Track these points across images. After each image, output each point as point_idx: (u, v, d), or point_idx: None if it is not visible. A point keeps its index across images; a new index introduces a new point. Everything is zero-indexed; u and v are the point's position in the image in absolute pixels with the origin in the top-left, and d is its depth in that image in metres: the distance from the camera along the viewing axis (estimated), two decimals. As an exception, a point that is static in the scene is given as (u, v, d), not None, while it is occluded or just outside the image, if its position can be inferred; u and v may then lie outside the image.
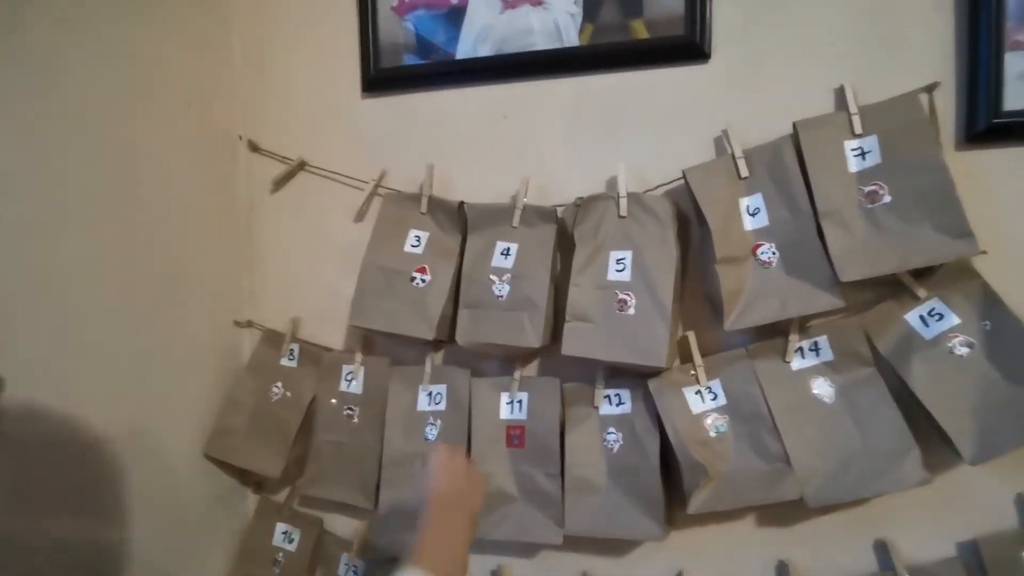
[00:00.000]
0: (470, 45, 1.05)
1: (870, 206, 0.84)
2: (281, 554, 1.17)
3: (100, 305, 0.91)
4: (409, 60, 1.09)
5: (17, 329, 0.80)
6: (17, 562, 0.77)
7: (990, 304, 0.82)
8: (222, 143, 1.17)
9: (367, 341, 1.12)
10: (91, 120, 0.91)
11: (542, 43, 1.02)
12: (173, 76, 1.06)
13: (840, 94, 0.88)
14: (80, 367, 0.88)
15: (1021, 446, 0.77)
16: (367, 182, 1.10)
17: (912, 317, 0.86)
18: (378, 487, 1.05)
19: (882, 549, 0.90)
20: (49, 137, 0.85)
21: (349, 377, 1.10)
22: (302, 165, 1.15)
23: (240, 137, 1.19)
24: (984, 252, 0.80)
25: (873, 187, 0.84)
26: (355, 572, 1.13)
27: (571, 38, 1.00)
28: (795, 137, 0.88)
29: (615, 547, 1.01)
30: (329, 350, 1.13)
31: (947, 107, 0.86)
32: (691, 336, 0.95)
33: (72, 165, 0.89)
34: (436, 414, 1.05)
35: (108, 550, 0.92)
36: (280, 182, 1.17)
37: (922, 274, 0.85)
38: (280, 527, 1.18)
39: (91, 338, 0.90)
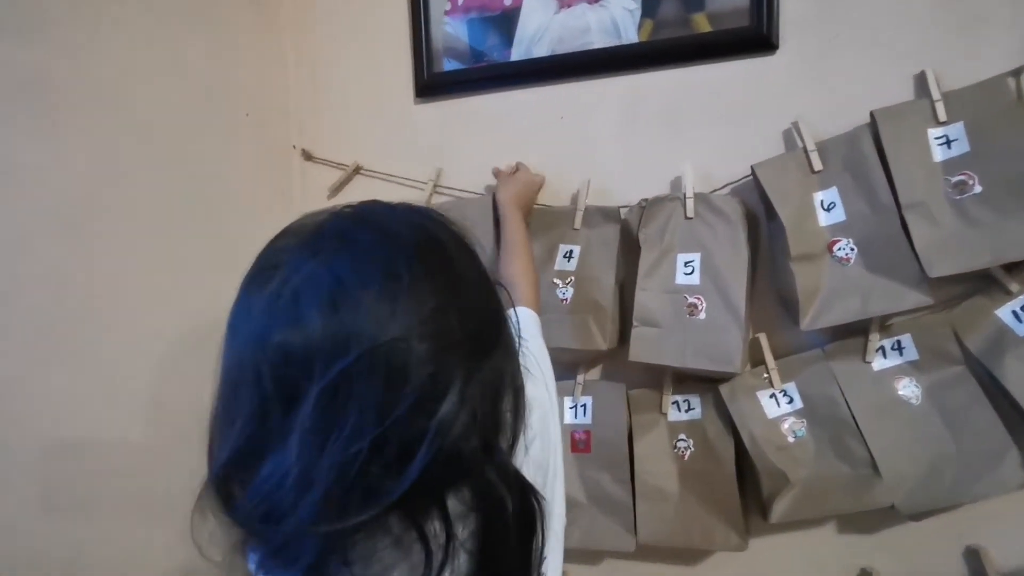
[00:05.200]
0: (524, 46, 1.04)
1: (958, 197, 0.80)
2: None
3: (163, 321, 0.92)
4: (462, 64, 1.08)
5: (86, 335, 0.82)
6: (45, 565, 0.78)
7: (1092, 298, 0.77)
8: (277, 154, 1.18)
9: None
10: (159, 135, 0.93)
11: (599, 41, 1.00)
12: (231, 89, 1.07)
13: (920, 81, 0.85)
14: (141, 376, 0.89)
15: None
16: (424, 183, 1.10)
17: (1004, 313, 0.81)
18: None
19: (973, 556, 0.86)
20: (116, 154, 0.87)
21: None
22: (357, 170, 1.16)
23: (294, 147, 1.20)
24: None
25: (961, 177, 0.80)
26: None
27: (630, 35, 0.98)
28: (873, 127, 0.84)
29: (685, 555, 0.99)
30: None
31: (1037, 91, 0.82)
32: (763, 338, 0.92)
33: (139, 180, 0.90)
34: (499, 420, 1.04)
35: (133, 550, 0.90)
36: (336, 189, 1.17)
37: (1014, 267, 0.81)
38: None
39: (155, 351, 0.91)
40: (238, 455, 0.36)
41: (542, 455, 0.52)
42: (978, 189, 0.79)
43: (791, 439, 0.88)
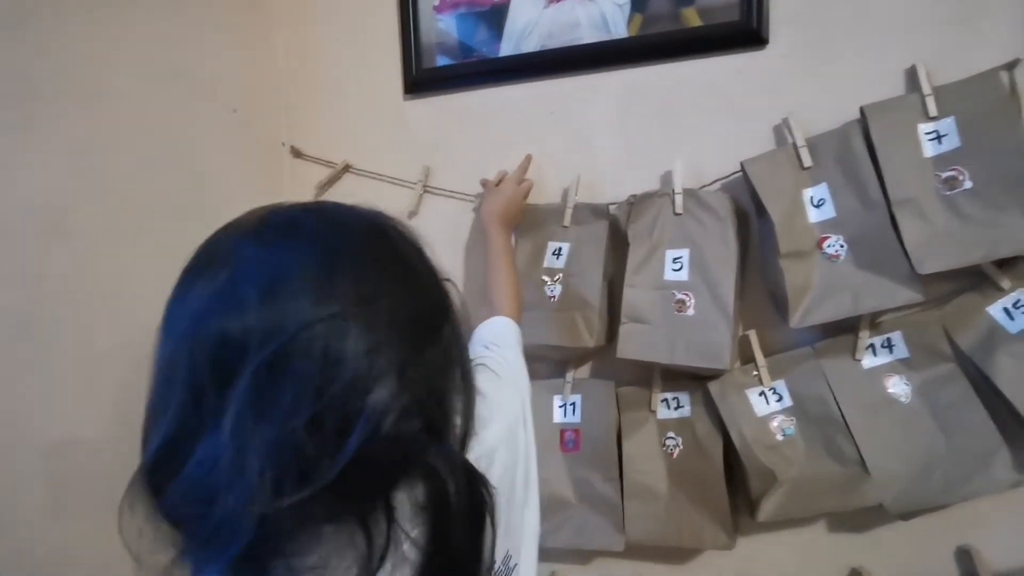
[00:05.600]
0: (514, 42, 1.03)
1: (949, 193, 0.79)
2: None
3: (148, 320, 0.91)
4: (451, 59, 1.08)
5: (68, 336, 0.82)
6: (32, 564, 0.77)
7: (1085, 295, 0.76)
8: (267, 151, 1.17)
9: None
10: (141, 131, 0.92)
11: (589, 36, 0.99)
12: (218, 85, 1.06)
13: (911, 75, 0.84)
14: (125, 376, 0.88)
15: None
16: (414, 183, 1.09)
17: (995, 310, 0.80)
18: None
19: (965, 556, 0.85)
20: (100, 150, 0.86)
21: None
22: (347, 168, 1.15)
23: (283, 144, 1.19)
24: (1076, 239, 0.75)
25: (952, 172, 0.79)
26: None
27: (619, 30, 0.97)
28: (863, 122, 0.83)
29: (675, 554, 0.98)
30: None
31: (1030, 85, 0.81)
32: (752, 335, 0.91)
33: (123, 177, 0.89)
34: (488, 418, 1.03)
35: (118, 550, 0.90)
36: (325, 186, 1.17)
37: (1005, 263, 0.80)
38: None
39: (140, 351, 0.90)
40: (170, 442, 0.35)
41: (508, 462, 0.52)
42: (968, 184, 0.78)
43: (780, 437, 0.87)
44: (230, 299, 0.36)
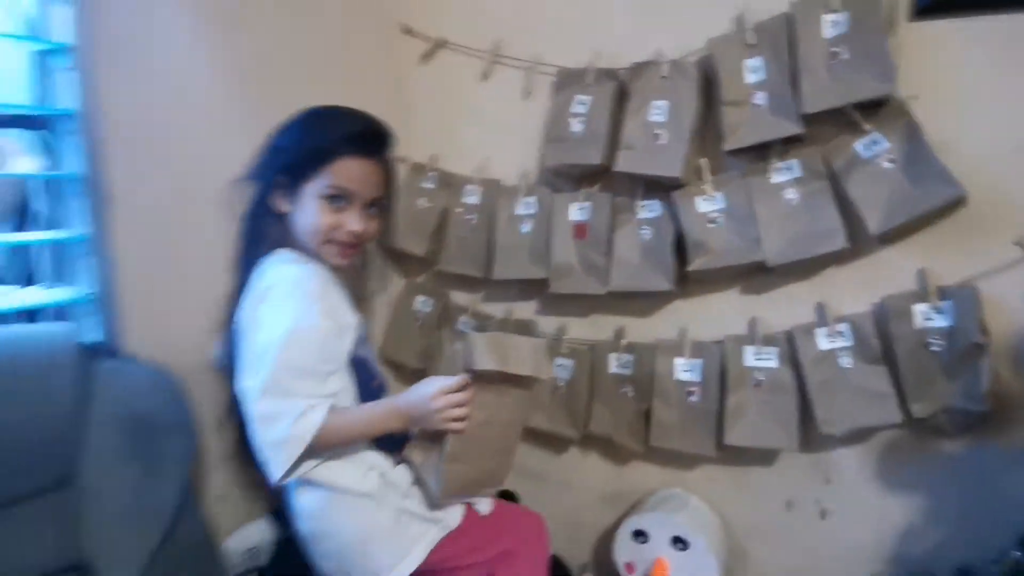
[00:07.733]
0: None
1: (833, 62, 1.21)
2: (420, 315, 1.77)
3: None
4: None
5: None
6: None
7: (912, 133, 1.19)
8: (379, 27, 1.64)
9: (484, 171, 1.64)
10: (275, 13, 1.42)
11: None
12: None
13: (830, -20, 1.24)
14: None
15: (909, 218, 1.17)
16: (487, 54, 1.58)
17: (858, 145, 1.24)
18: (490, 265, 1.61)
19: (821, 308, 1.34)
20: (221, 30, 1.23)
21: (470, 193, 1.64)
22: (442, 43, 1.64)
23: (396, 22, 1.68)
24: (916, 97, 1.18)
25: (837, 48, 1.21)
26: (467, 327, 1.71)
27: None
28: (791, 13, 1.25)
29: (643, 310, 1.51)
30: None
31: (904, -16, 1.20)
32: (703, 162, 1.38)
33: (245, 53, 1.29)
34: (529, 217, 1.57)
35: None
36: (425, 59, 1.67)
37: (869, 112, 1.22)
38: (419, 298, 1.77)
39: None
40: None
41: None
42: (846, 56, 1.20)
43: (712, 226, 1.36)
44: None
